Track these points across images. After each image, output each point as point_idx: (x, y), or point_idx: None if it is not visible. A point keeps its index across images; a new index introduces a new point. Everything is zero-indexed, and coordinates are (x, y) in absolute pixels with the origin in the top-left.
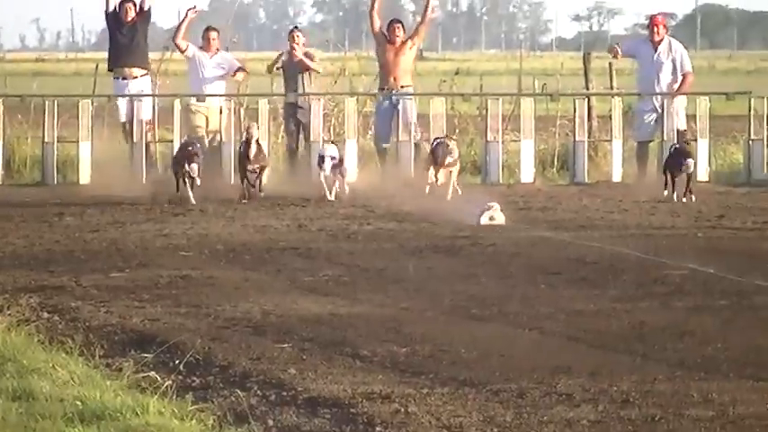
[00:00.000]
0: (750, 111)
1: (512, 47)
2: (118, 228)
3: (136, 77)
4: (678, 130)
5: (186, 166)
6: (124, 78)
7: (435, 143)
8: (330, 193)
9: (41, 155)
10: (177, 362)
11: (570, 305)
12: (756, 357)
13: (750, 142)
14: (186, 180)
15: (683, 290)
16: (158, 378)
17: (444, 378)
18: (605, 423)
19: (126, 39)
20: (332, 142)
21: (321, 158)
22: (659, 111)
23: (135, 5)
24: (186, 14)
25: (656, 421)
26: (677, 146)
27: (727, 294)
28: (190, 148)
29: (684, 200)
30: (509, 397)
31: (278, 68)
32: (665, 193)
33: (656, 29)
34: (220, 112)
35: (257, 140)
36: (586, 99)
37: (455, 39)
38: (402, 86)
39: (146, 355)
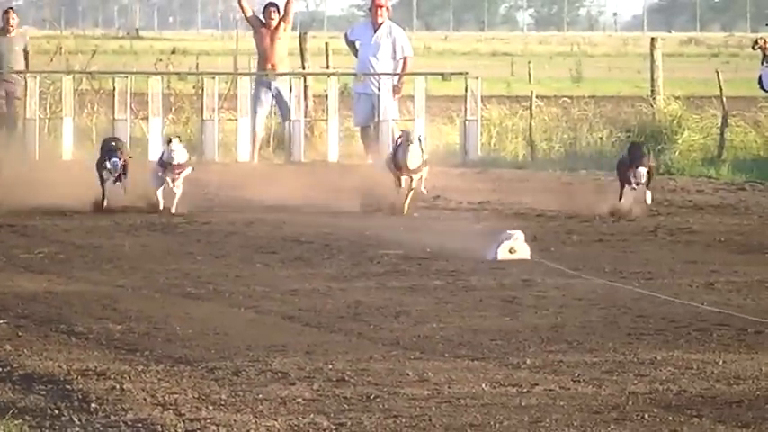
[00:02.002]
0: (466, 91)
1: (228, 27)
2: None
3: None
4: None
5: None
6: None
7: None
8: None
9: None
10: None
11: (286, 284)
12: (471, 337)
13: (466, 123)
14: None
15: (398, 270)
16: None
17: (160, 355)
18: (321, 401)
19: None
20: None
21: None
22: (377, 92)
23: None
24: None
25: (371, 399)
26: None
27: (442, 275)
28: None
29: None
30: (224, 374)
31: None
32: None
33: (378, 11)
34: None
35: None
36: (302, 78)
37: (171, 18)
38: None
39: None
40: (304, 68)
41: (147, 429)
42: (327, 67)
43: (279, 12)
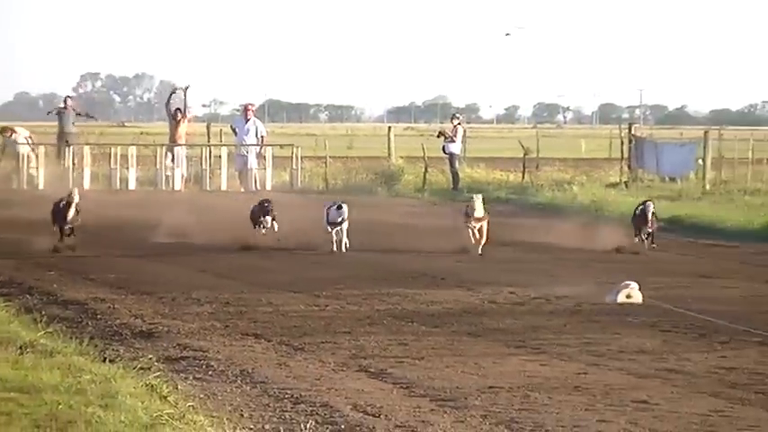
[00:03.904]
0: (293, 154)
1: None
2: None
3: None
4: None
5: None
6: None
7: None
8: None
9: None
10: None
11: (201, 255)
12: (298, 282)
13: (293, 170)
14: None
15: (265, 247)
16: None
17: (134, 290)
18: (216, 314)
19: None
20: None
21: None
22: (247, 155)
23: None
24: None
25: (243, 313)
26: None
27: (296, 252)
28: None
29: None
30: (167, 300)
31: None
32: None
33: (247, 112)
34: None
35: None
36: (209, 148)
37: (141, 116)
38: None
39: None
40: (209, 142)
41: (128, 328)
42: (221, 141)
43: (181, 112)
